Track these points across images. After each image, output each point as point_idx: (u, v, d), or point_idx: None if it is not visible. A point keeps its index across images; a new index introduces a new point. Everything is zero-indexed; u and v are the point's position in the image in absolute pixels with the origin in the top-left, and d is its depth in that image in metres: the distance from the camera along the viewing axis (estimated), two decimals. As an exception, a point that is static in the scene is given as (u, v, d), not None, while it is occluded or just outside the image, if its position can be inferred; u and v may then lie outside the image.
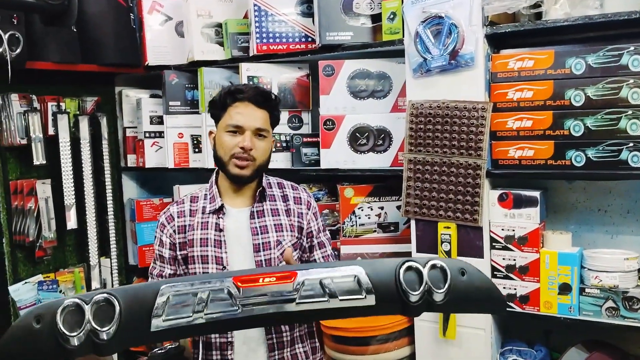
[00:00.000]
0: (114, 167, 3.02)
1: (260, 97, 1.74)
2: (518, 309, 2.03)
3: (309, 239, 1.82)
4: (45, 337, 1.04)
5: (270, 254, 1.72)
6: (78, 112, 2.86)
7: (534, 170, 1.99)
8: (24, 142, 2.59)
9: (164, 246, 1.78)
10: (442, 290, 1.13)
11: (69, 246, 2.87)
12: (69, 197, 2.74)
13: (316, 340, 1.86)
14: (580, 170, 1.92)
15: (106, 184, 2.91)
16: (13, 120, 2.56)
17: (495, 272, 2.06)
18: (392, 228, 2.39)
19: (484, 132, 1.99)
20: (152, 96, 3.04)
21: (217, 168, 1.82)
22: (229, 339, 1.71)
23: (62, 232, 2.76)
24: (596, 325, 1.92)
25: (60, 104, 2.74)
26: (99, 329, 1.04)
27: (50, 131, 2.69)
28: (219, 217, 1.74)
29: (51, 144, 2.68)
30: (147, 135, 2.95)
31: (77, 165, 2.78)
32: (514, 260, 2.03)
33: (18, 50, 2.34)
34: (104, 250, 2.93)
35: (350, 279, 1.14)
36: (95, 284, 2.87)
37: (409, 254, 2.21)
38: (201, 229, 1.75)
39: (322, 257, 1.85)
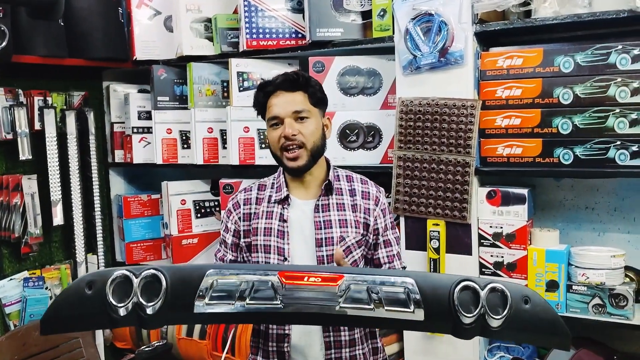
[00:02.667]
0: (101, 162, 2.99)
1: (288, 82, 1.69)
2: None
3: (374, 237, 1.75)
4: (95, 304, 1.07)
5: (333, 249, 1.66)
6: (65, 107, 2.83)
7: (522, 167, 2.00)
8: (10, 137, 2.56)
9: (228, 232, 1.77)
10: (499, 317, 1.05)
11: (55, 242, 2.84)
12: (56, 193, 2.71)
13: (377, 340, 1.79)
14: (568, 168, 1.93)
15: (93, 179, 2.88)
16: (-2, 115, 2.53)
17: (483, 269, 2.08)
18: (381, 225, 2.39)
19: (472, 130, 2.00)
20: (140, 91, 3.02)
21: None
22: (286, 331, 1.68)
23: (48, 228, 2.73)
24: (583, 322, 1.94)
25: (47, 98, 2.71)
26: (144, 302, 1.06)
27: (37, 126, 2.66)
28: (283, 208, 1.71)
29: (37, 139, 2.65)
30: (135, 130, 2.93)
31: (64, 161, 2.75)
32: (502, 257, 2.04)
33: (4, 44, 2.31)
34: (90, 247, 2.91)
35: (400, 289, 1.09)
36: (81, 281, 2.85)
37: (397, 250, 2.21)
38: (265, 218, 1.72)
39: (387, 256, 1.77)
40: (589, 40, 1.92)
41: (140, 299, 1.07)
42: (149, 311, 1.07)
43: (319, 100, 1.73)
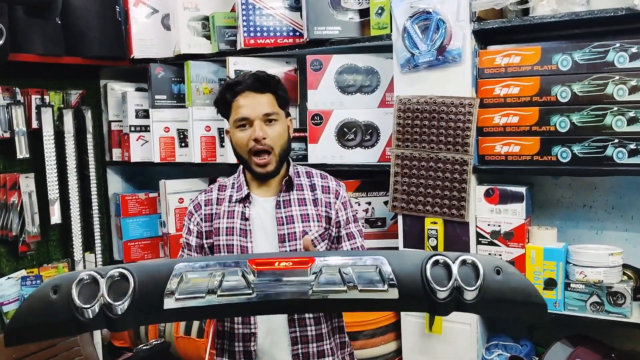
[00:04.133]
0: (98, 161, 2.98)
1: (259, 82, 1.68)
2: (504, 304, 2.04)
3: (337, 230, 1.76)
4: (61, 308, 1.04)
5: (296, 244, 1.68)
6: (62, 105, 2.82)
7: (520, 166, 2.00)
8: (7, 135, 2.55)
9: (191, 234, 1.77)
10: (473, 288, 1.03)
11: (53, 241, 2.83)
12: (53, 192, 2.70)
13: (345, 335, 1.80)
14: (565, 166, 1.93)
15: (91, 178, 2.87)
16: (-4, 113, 2.52)
17: (481, 268, 2.07)
18: (379, 223, 2.39)
19: (470, 128, 2.00)
20: (137, 90, 3.01)
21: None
22: (252, 330, 1.68)
23: (46, 226, 2.72)
24: (581, 320, 1.94)
25: (44, 97, 2.71)
26: (112, 302, 1.03)
27: (34, 124, 2.65)
28: (245, 206, 1.71)
29: (35, 137, 2.64)
30: (133, 129, 2.92)
31: (61, 159, 2.74)
32: (500, 255, 2.04)
33: (1, 42, 2.30)
34: (88, 246, 2.90)
35: (372, 269, 1.07)
36: (79, 279, 2.84)
37: (395, 249, 2.21)
38: (227, 218, 1.72)
39: (351, 248, 1.79)
40: (586, 38, 1.92)
41: (108, 299, 1.03)
42: (118, 311, 1.04)
43: (285, 102, 1.75)
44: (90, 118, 2.86)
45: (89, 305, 1.03)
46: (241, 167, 1.77)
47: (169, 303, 1.06)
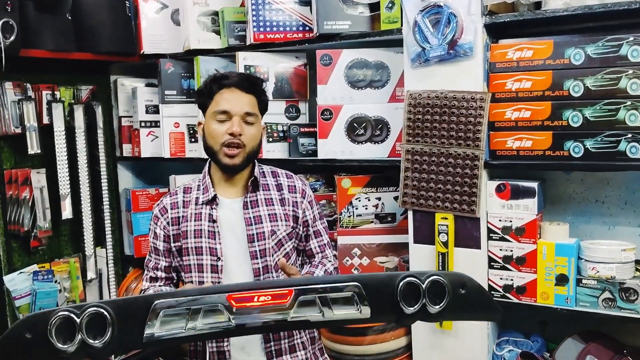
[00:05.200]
0: (109, 156, 3.00)
1: (246, 81, 1.73)
2: (515, 300, 2.03)
3: (304, 228, 1.81)
4: (38, 348, 1.04)
5: (265, 244, 1.71)
6: (73, 101, 2.83)
7: (532, 161, 1.99)
8: (19, 131, 2.57)
9: (158, 238, 1.78)
10: (438, 307, 1.15)
11: (64, 236, 2.85)
12: (64, 187, 2.72)
13: (314, 330, 1.84)
14: (578, 161, 1.92)
15: (101, 173, 2.89)
16: (7, 109, 2.53)
17: (492, 263, 2.06)
18: (389, 219, 2.38)
19: (482, 123, 1.98)
20: (147, 85, 3.02)
21: (209, 159, 1.80)
22: (225, 348, 1.70)
23: (57, 221, 2.74)
24: (593, 316, 1.93)
25: (55, 92, 2.72)
26: (90, 341, 1.05)
27: (45, 120, 2.66)
28: (212, 208, 1.73)
29: (46, 133, 2.65)
30: (143, 124, 2.93)
31: (72, 155, 2.76)
32: (511, 251, 2.03)
33: (12, 38, 2.31)
34: (99, 241, 2.92)
35: (348, 293, 1.15)
36: (90, 274, 2.86)
37: (406, 245, 2.20)
38: (195, 220, 1.74)
39: (319, 245, 1.85)
40: (600, 31, 1.90)
41: (86, 338, 1.04)
42: (98, 346, 1.05)
43: (265, 107, 1.81)
44: (101, 113, 2.87)
45: (67, 346, 1.04)
46: (206, 168, 1.80)
47: (149, 338, 1.09)
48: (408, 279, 1.15)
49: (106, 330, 1.05)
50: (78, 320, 1.04)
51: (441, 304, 1.14)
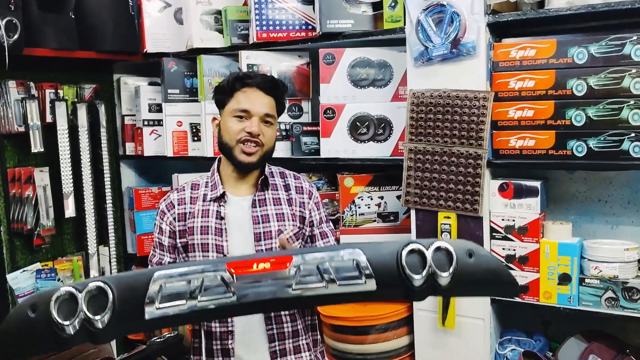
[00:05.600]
0: (112, 155, 3.01)
1: (269, 83, 1.74)
2: (517, 299, 2.03)
3: (310, 229, 1.81)
4: (41, 326, 1.03)
5: (272, 243, 1.71)
6: (76, 100, 2.84)
7: (534, 160, 1.99)
8: (22, 129, 2.57)
9: (164, 234, 1.78)
10: (447, 274, 1.07)
11: (67, 234, 2.86)
12: (67, 185, 2.73)
13: (317, 332, 1.85)
14: (581, 160, 1.91)
15: (104, 172, 2.89)
16: (10, 108, 2.54)
17: (495, 262, 2.06)
18: (391, 218, 2.38)
19: (485, 122, 1.98)
20: (150, 84, 3.02)
21: (218, 156, 1.80)
22: (229, 328, 1.70)
23: (61, 220, 2.75)
24: (595, 316, 1.92)
25: (58, 91, 2.73)
26: (92, 317, 1.03)
27: (48, 118, 2.67)
28: (220, 205, 1.73)
29: (49, 131, 2.66)
30: (146, 123, 2.93)
31: (75, 153, 2.76)
32: (514, 250, 2.03)
33: (15, 37, 2.32)
34: (102, 239, 2.92)
35: (349, 263, 1.10)
36: (93, 273, 2.87)
37: (408, 243, 2.20)
38: (202, 217, 1.73)
39: None
40: (603, 31, 1.89)
41: (88, 314, 1.03)
42: (99, 325, 1.04)
43: (282, 109, 1.82)
44: (104, 112, 2.87)
45: (69, 322, 1.02)
46: (215, 165, 1.80)
47: (150, 312, 1.07)
48: (411, 245, 1.09)
49: (107, 305, 1.04)
50: (80, 295, 1.04)
51: (449, 271, 1.07)
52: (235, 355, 1.71)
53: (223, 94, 1.75)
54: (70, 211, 2.74)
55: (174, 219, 1.76)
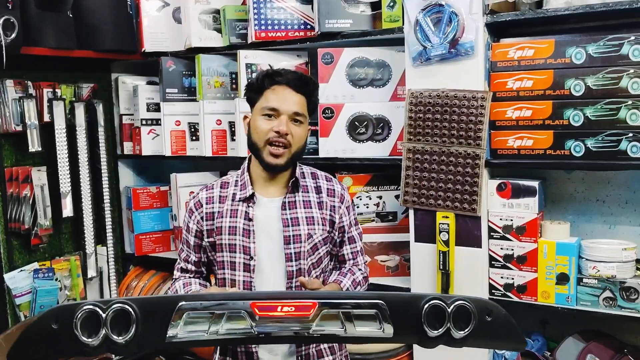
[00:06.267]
0: (110, 154, 3.00)
1: (299, 81, 1.68)
2: (515, 299, 2.04)
3: (340, 234, 1.76)
4: (63, 338, 1.07)
5: (301, 247, 1.67)
6: (74, 99, 2.83)
7: (532, 160, 1.99)
8: (19, 128, 2.57)
9: (190, 232, 1.76)
10: (463, 333, 1.13)
11: (65, 234, 2.85)
12: (65, 185, 2.72)
13: (345, 349, 1.83)
14: (579, 160, 1.92)
15: (102, 171, 2.89)
16: (8, 107, 2.53)
17: (493, 262, 2.07)
18: (390, 217, 2.38)
19: (483, 122, 1.99)
20: (149, 83, 3.02)
21: (249, 155, 1.76)
22: (254, 349, 1.69)
23: (58, 219, 2.74)
24: (593, 315, 1.93)
25: (56, 90, 2.72)
26: (114, 337, 1.07)
27: (46, 118, 2.66)
28: (249, 206, 1.69)
29: (47, 130, 2.65)
30: (144, 122, 2.93)
31: (73, 153, 2.76)
32: (512, 249, 2.03)
33: (13, 36, 2.31)
34: (100, 239, 2.92)
35: (372, 312, 1.14)
36: (91, 273, 2.86)
37: (407, 243, 2.20)
38: (230, 217, 1.70)
39: (351, 252, 1.80)
40: (601, 31, 1.90)
41: (110, 334, 1.06)
42: (121, 343, 1.08)
43: (314, 107, 1.77)
44: (102, 111, 2.87)
45: (91, 339, 1.06)
46: (245, 164, 1.76)
47: (172, 338, 1.11)
48: (433, 302, 1.13)
49: (130, 327, 1.07)
50: (103, 315, 1.06)
51: (466, 330, 1.12)
52: (259, 358, 1.68)
53: (253, 92, 1.72)
54: (67, 211, 2.73)
55: (202, 218, 1.73)
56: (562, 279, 1.96)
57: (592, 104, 1.88)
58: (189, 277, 1.80)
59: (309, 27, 2.46)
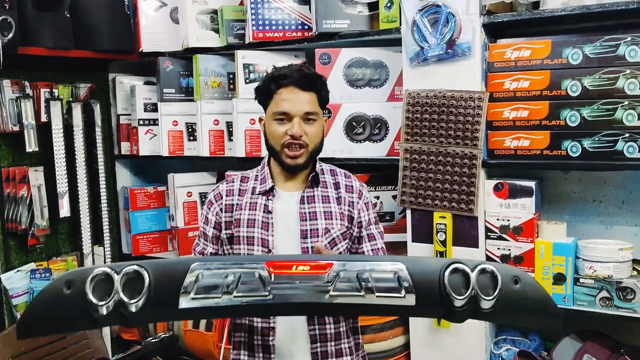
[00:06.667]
0: (107, 154, 2.99)
1: (305, 79, 1.66)
2: (512, 299, 2.04)
3: (358, 230, 1.76)
4: (75, 303, 1.03)
5: (318, 241, 1.67)
6: (71, 99, 2.83)
7: (529, 160, 2.00)
8: (16, 128, 2.56)
9: (209, 224, 1.76)
10: (490, 298, 1.04)
11: (62, 234, 2.85)
12: (62, 185, 2.72)
13: (359, 336, 1.80)
14: (575, 160, 1.92)
15: (99, 171, 2.88)
16: (5, 107, 2.53)
17: (490, 262, 2.07)
18: (387, 217, 2.39)
19: (480, 122, 1.99)
20: (146, 83, 3.02)
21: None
22: (271, 325, 1.67)
23: (55, 220, 2.74)
24: (590, 315, 1.93)
25: (53, 90, 2.71)
26: (127, 300, 1.03)
27: (43, 118, 2.66)
28: (268, 199, 1.70)
29: (44, 131, 2.65)
30: (141, 122, 2.93)
31: (70, 153, 2.76)
32: (509, 250, 2.04)
33: (10, 36, 2.31)
34: (97, 239, 2.91)
35: (390, 275, 1.07)
36: (88, 272, 2.86)
37: (404, 243, 2.21)
38: (249, 210, 1.70)
39: (372, 249, 1.78)
40: (597, 31, 1.90)
41: (123, 297, 1.02)
42: (132, 309, 1.03)
43: (326, 102, 1.75)
44: (99, 112, 2.87)
45: (103, 302, 1.02)
46: (266, 159, 1.76)
47: (184, 302, 1.05)
48: (454, 264, 1.05)
49: (142, 291, 1.03)
50: (117, 277, 1.03)
51: (493, 296, 1.03)
52: (276, 353, 1.67)
53: (262, 96, 1.71)
54: (64, 211, 2.73)
55: (221, 209, 1.74)
56: (559, 279, 1.97)
57: (589, 104, 1.89)
58: None
59: (306, 27, 2.46)
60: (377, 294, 1.06)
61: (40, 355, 2.25)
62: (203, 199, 2.86)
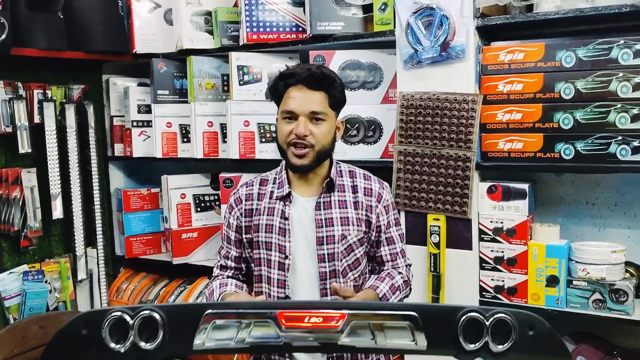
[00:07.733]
0: (100, 156, 2.99)
1: (311, 78, 1.63)
2: (506, 301, 2.04)
3: (377, 234, 1.73)
4: (92, 343, 1.09)
5: (334, 248, 1.66)
6: (64, 100, 2.82)
7: (523, 162, 2.00)
8: (9, 130, 2.55)
9: (231, 228, 1.76)
10: (502, 347, 1.07)
11: (55, 236, 2.83)
12: (55, 187, 2.71)
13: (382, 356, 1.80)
14: (569, 163, 1.93)
15: (93, 173, 2.87)
16: (-2, 108, 2.52)
17: (483, 264, 2.07)
18: (381, 219, 2.38)
19: (474, 125, 1.99)
20: (140, 85, 3.01)
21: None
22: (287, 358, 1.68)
23: (48, 221, 2.72)
24: (583, 317, 1.94)
25: (47, 91, 2.70)
26: (142, 344, 1.08)
27: (36, 119, 2.65)
28: (285, 205, 1.69)
29: (37, 132, 2.64)
30: (135, 124, 2.92)
31: (63, 154, 2.74)
32: (502, 252, 2.04)
33: (3, 36, 2.30)
34: (90, 241, 2.90)
35: (404, 324, 1.09)
36: (81, 275, 2.85)
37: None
38: (267, 215, 1.70)
39: (390, 254, 1.76)
40: (590, 35, 1.92)
41: (138, 341, 1.08)
42: (148, 349, 1.09)
43: (338, 102, 1.71)
44: (93, 113, 2.85)
45: (119, 346, 1.08)
46: (284, 162, 1.74)
47: (198, 345, 1.11)
48: (471, 314, 1.08)
49: (157, 334, 1.08)
50: (131, 322, 1.08)
51: (506, 344, 1.07)
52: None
53: (274, 96, 1.71)
54: (57, 212, 2.72)
55: (241, 214, 1.74)
56: (552, 281, 1.97)
57: (582, 107, 1.89)
58: (227, 277, 1.80)
59: (300, 29, 2.46)
60: (388, 340, 1.10)
61: (32, 357, 2.24)
62: (197, 201, 2.85)
